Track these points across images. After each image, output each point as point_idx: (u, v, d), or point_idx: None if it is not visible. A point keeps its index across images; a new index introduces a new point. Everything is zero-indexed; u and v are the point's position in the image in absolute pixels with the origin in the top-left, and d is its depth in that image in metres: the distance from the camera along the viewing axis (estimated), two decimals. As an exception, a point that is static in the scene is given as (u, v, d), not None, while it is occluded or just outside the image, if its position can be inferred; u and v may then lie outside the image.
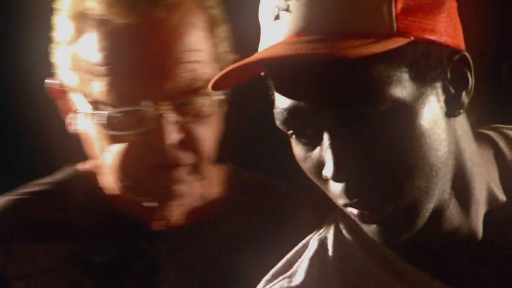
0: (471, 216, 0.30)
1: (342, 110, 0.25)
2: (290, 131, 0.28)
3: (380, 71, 0.24)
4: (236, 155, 0.46)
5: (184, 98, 0.37)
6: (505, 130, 0.37)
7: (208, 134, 0.40)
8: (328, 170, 0.25)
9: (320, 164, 0.27)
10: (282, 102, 0.27)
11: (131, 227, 0.44)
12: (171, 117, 0.36)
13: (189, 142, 0.39)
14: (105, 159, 0.40)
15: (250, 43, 0.31)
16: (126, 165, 0.38)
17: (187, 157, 0.39)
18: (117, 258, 0.42)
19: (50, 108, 0.45)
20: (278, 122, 0.28)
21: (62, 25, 0.40)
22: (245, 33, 0.36)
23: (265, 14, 0.28)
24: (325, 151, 0.26)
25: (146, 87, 0.36)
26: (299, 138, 0.28)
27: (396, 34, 0.25)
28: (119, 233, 0.43)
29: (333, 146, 0.25)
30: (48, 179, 0.47)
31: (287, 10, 0.26)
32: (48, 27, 0.41)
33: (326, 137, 0.26)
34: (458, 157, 0.29)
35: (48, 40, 0.41)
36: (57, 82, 0.42)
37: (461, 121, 0.31)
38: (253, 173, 0.54)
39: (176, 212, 0.45)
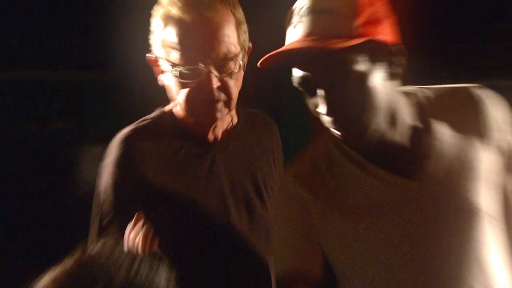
0: (398, 133, 0.54)
1: (329, 77, 0.48)
2: (301, 88, 0.53)
3: (349, 56, 0.47)
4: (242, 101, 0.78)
5: (222, 62, 0.65)
6: (423, 89, 0.60)
7: (235, 84, 0.69)
8: (321, 109, 0.51)
9: (317, 105, 0.51)
10: (297, 74, 0.52)
11: (198, 139, 0.75)
12: (215, 72, 0.64)
13: (224, 88, 0.67)
14: (179, 99, 0.68)
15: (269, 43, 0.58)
16: (189, 100, 0.67)
17: (223, 97, 0.67)
18: (192, 157, 0.73)
19: (150, 74, 0.75)
20: (295, 84, 0.53)
21: (155, 22, 0.68)
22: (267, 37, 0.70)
23: (289, 24, 0.52)
24: (319, 99, 0.50)
25: (201, 56, 0.63)
26: (306, 92, 0.53)
27: (358, 36, 0.46)
28: (191, 142, 0.74)
29: (323, 96, 0.49)
30: (151, 115, 0.78)
31: (301, 22, 0.49)
32: (147, 24, 0.70)
33: (319, 92, 0.49)
34: (393, 102, 0.53)
35: (147, 32, 0.70)
36: (153, 55, 0.71)
37: (397, 84, 0.54)
38: (251, 109, 0.90)
39: (219, 129, 0.77)
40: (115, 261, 0.41)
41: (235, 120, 0.83)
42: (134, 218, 0.54)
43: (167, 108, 0.79)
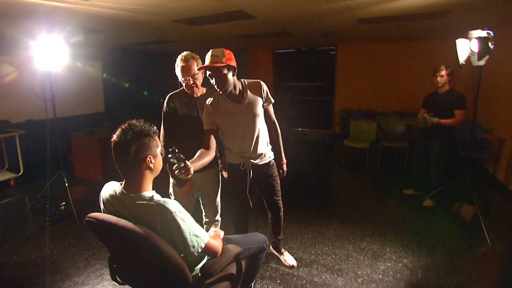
0: (236, 91, 2.14)
1: (216, 74, 1.98)
2: (210, 77, 2.02)
3: (222, 68, 1.96)
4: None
5: (193, 76, 2.16)
6: (244, 79, 2.26)
7: (198, 81, 2.21)
8: (215, 84, 2.02)
9: (214, 83, 2.02)
10: (208, 73, 2.02)
11: (190, 96, 2.28)
12: (190, 79, 2.16)
13: (194, 83, 2.20)
14: (184, 86, 2.24)
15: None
16: (186, 87, 2.23)
17: (195, 85, 2.20)
18: (188, 101, 2.28)
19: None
20: (207, 75, 2.04)
21: (176, 65, 2.14)
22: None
23: (206, 58, 2.00)
24: (214, 81, 2.01)
25: (186, 74, 2.13)
26: (211, 79, 2.01)
27: (224, 63, 1.95)
28: (189, 96, 2.28)
29: (215, 80, 2.00)
30: (178, 90, 2.32)
31: (209, 58, 1.97)
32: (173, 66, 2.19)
33: (214, 79, 2.00)
34: (235, 81, 2.18)
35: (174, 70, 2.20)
36: (178, 77, 2.20)
37: (236, 77, 2.17)
38: (209, 90, 2.32)
39: (197, 93, 2.30)
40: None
41: (203, 91, 2.31)
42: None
43: (183, 88, 2.26)
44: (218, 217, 2.58)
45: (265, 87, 2.20)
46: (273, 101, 2.27)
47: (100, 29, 4.60)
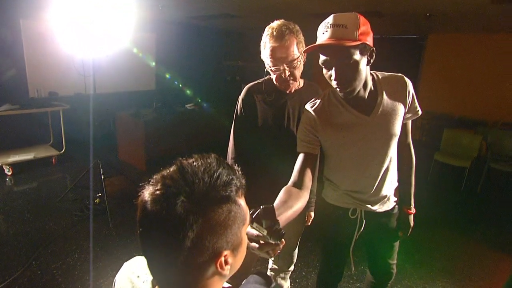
0: (365, 92, 1.21)
1: (339, 61, 1.06)
2: (323, 66, 1.12)
3: (351, 50, 1.04)
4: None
5: (290, 63, 1.31)
6: (378, 72, 1.27)
7: (297, 71, 1.36)
8: (332, 77, 1.10)
9: (330, 75, 1.11)
10: (322, 58, 1.09)
11: (281, 91, 1.44)
12: (287, 68, 1.32)
13: (291, 74, 1.34)
14: (273, 78, 1.41)
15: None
16: (277, 79, 1.38)
17: (291, 78, 1.35)
18: (275, 100, 1.45)
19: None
20: (320, 63, 1.11)
21: (262, 46, 1.36)
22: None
23: (320, 31, 1.07)
24: (333, 72, 1.09)
25: (280, 61, 1.31)
26: (325, 68, 1.12)
27: (358, 40, 1.02)
28: (277, 92, 1.45)
29: (335, 70, 1.09)
30: (263, 79, 1.50)
31: (327, 31, 1.04)
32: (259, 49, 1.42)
33: (333, 70, 1.09)
34: (367, 76, 1.17)
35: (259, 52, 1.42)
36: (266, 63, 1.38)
37: (369, 67, 1.17)
38: (308, 81, 1.55)
39: (291, 89, 1.44)
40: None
41: (301, 84, 1.49)
42: None
43: (269, 77, 1.47)
44: (291, 267, 1.81)
45: (411, 87, 1.27)
46: (420, 113, 1.32)
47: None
